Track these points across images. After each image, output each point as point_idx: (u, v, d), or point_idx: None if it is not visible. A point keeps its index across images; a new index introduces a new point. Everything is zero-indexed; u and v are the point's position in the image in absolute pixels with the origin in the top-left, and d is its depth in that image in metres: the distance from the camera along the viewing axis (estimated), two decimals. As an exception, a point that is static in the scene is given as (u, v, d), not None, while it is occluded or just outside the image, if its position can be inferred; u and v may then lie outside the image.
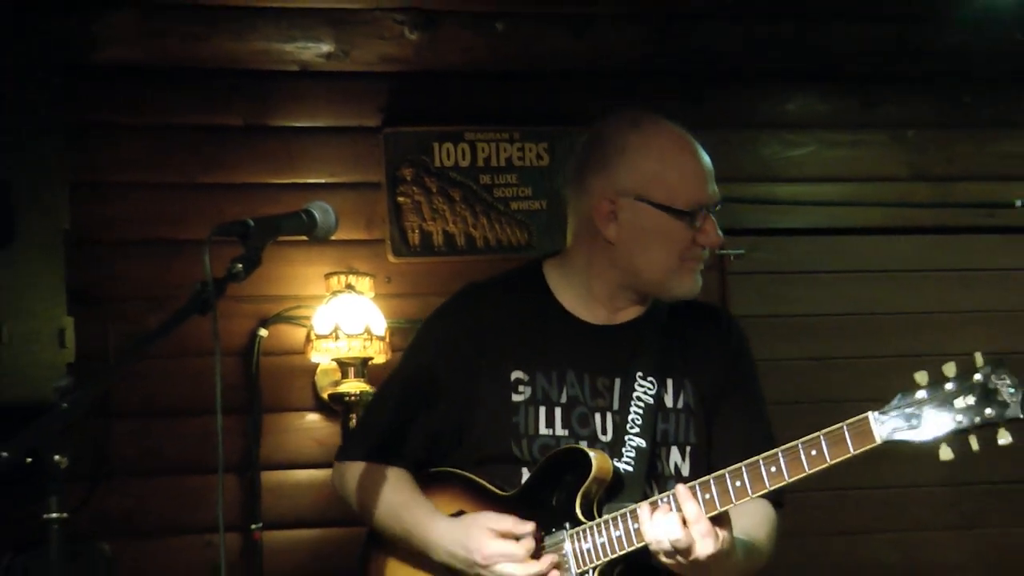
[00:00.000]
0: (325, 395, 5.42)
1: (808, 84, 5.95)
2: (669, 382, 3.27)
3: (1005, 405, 2.78)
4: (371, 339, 5.29)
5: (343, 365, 5.32)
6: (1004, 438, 2.76)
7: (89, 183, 5.13)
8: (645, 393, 3.21)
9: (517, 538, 3.04)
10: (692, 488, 2.86)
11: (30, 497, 2.80)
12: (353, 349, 5.27)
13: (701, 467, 3.19)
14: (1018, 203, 6.01)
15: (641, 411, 3.19)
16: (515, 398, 3.20)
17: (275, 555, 5.34)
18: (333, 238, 3.43)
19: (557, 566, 3.08)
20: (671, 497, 2.88)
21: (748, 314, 5.46)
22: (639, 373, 3.22)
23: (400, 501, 3.22)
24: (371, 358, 5.31)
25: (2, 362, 4.47)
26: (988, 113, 6.11)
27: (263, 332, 5.42)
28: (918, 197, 6.00)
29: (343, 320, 5.27)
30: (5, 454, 2.75)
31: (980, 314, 5.98)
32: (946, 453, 2.79)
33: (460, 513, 3.18)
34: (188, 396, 5.08)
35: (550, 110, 5.72)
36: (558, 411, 3.19)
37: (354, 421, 5.28)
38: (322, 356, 5.34)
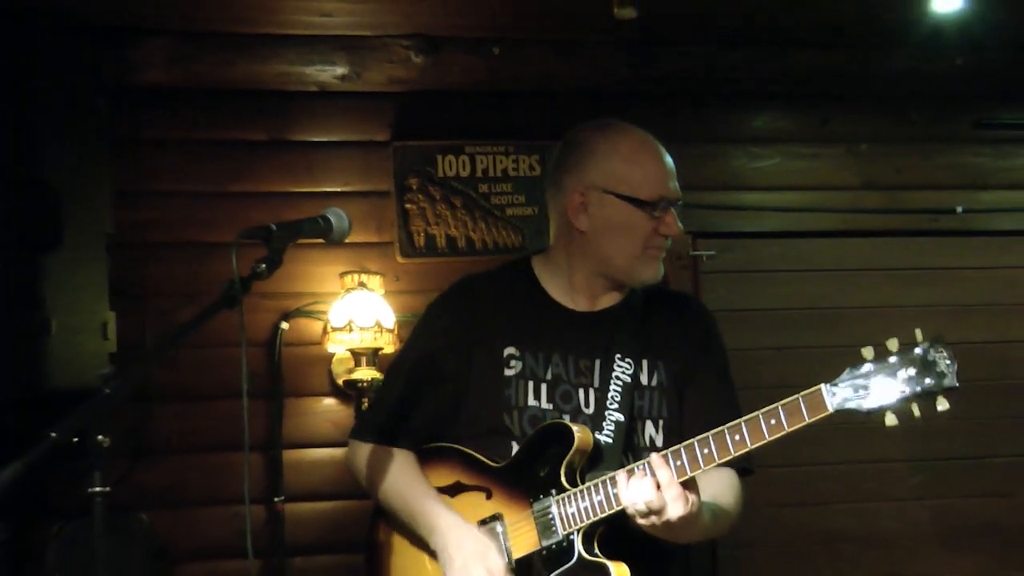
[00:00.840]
0: (340, 381, 5.43)
1: (772, 103, 5.96)
2: (644, 362, 3.29)
3: (943, 375, 2.86)
4: (381, 331, 5.29)
5: (356, 354, 5.32)
6: (942, 405, 2.84)
7: (130, 192, 5.14)
8: (623, 373, 3.23)
9: None
10: (664, 456, 2.90)
11: (77, 473, 2.85)
12: (365, 340, 5.27)
13: (673, 439, 3.19)
14: (959, 209, 6.04)
15: (620, 389, 3.22)
16: (507, 372, 3.23)
17: (295, 525, 5.34)
18: (347, 241, 3.47)
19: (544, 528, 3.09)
20: (646, 464, 2.91)
21: (718, 308, 5.40)
22: (617, 355, 3.24)
23: (407, 487, 3.22)
24: (381, 348, 5.31)
25: (52, 352, 4.44)
26: (931, 129, 6.12)
27: (284, 325, 5.41)
28: (869, 204, 6.03)
29: (356, 314, 5.28)
30: (54, 434, 2.79)
31: (924, 308, 5.98)
32: (891, 419, 2.86)
33: (456, 484, 3.22)
34: (217, 382, 5.08)
35: (541, 126, 5.70)
36: (544, 387, 3.22)
37: (366, 404, 5.28)
38: (337, 346, 5.34)
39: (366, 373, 5.31)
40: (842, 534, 5.82)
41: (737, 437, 2.91)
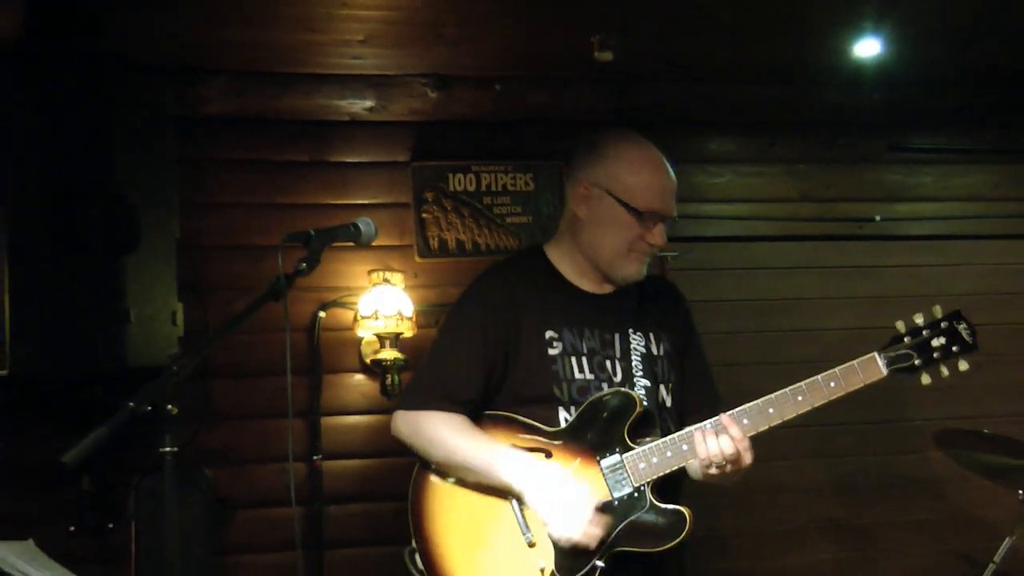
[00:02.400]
0: (368, 360, 5.42)
1: (725, 130, 5.96)
2: (651, 335, 3.29)
3: (965, 342, 3.07)
4: (402, 319, 5.29)
5: (381, 338, 5.32)
6: (964, 366, 3.07)
7: (193, 204, 5.13)
8: (638, 345, 3.24)
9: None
10: (732, 415, 3.02)
11: (151, 436, 2.86)
12: (389, 326, 5.27)
13: (677, 399, 3.29)
14: (877, 218, 6.10)
15: (640, 358, 3.21)
16: (551, 351, 3.17)
17: (331, 478, 5.36)
18: (374, 244, 3.56)
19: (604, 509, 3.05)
20: (716, 423, 3.02)
21: (681, 300, 5.62)
22: (629, 329, 3.24)
23: (480, 445, 3.10)
24: (402, 333, 5.31)
25: (131, 336, 4.42)
26: (855, 152, 6.15)
27: (322, 314, 5.42)
28: (805, 214, 6.04)
29: (381, 305, 5.28)
30: (132, 404, 2.81)
31: (850, 299, 6.03)
32: (926, 379, 3.09)
33: (511, 447, 3.12)
34: (267, 361, 5.07)
35: (534, 149, 5.74)
36: (584, 359, 3.17)
37: (390, 380, 5.33)
38: (365, 331, 5.35)
39: (389, 354, 5.32)
40: (783, 486, 5.80)
41: (800, 398, 3.06)
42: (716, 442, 3.00)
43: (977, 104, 6.06)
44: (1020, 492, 4.32)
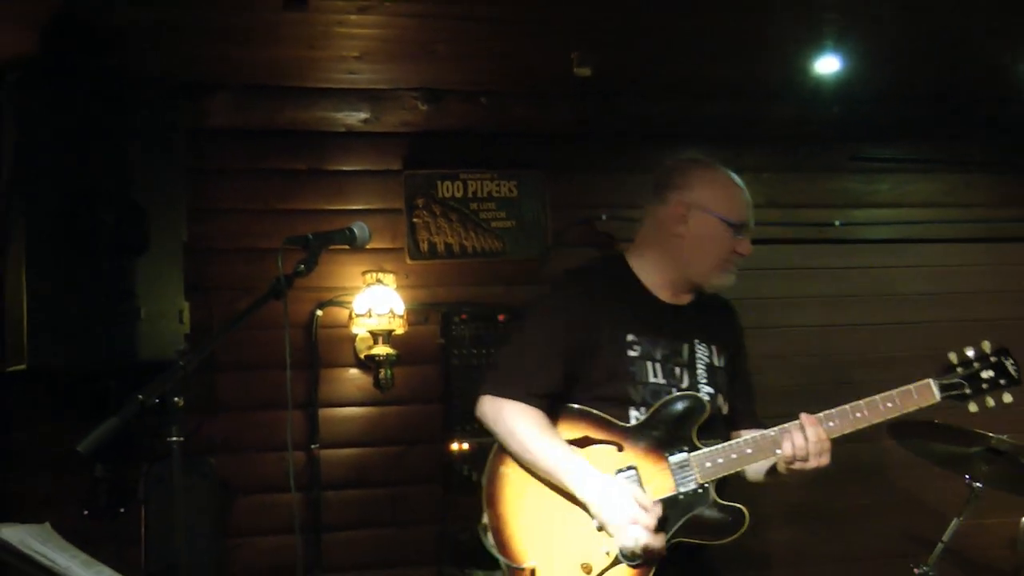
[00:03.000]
0: (362, 356, 5.43)
1: (696, 141, 5.71)
2: (713, 348, 3.35)
3: (1011, 376, 3.18)
4: (394, 317, 5.30)
5: (374, 335, 5.33)
6: (1008, 398, 3.18)
7: (201, 209, 5.14)
8: (703, 355, 3.30)
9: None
10: (816, 418, 3.11)
11: (159, 426, 2.90)
12: (381, 324, 5.29)
13: (730, 408, 3.38)
14: (838, 223, 6.11)
15: (704, 368, 3.27)
16: (630, 353, 3.20)
17: (328, 466, 5.37)
18: (368, 247, 3.57)
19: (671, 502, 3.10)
20: (798, 424, 3.10)
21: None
22: (696, 340, 3.30)
23: (550, 446, 3.11)
24: (394, 330, 5.32)
25: (141, 333, 4.47)
26: (817, 161, 6.16)
27: (319, 312, 5.42)
28: (772, 219, 5.94)
29: (375, 304, 5.29)
30: (141, 396, 2.85)
31: (813, 298, 6.05)
32: (973, 407, 3.19)
33: (586, 438, 3.16)
34: (268, 356, 5.02)
35: (519, 159, 5.75)
36: (658, 366, 3.21)
37: (383, 374, 5.34)
38: (360, 328, 5.36)
39: (382, 349, 5.33)
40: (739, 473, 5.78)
41: (859, 414, 3.18)
42: (803, 440, 3.08)
43: (930, 118, 6.08)
44: (967, 477, 4.34)
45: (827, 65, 5.22)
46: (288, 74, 5.18)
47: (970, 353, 3.21)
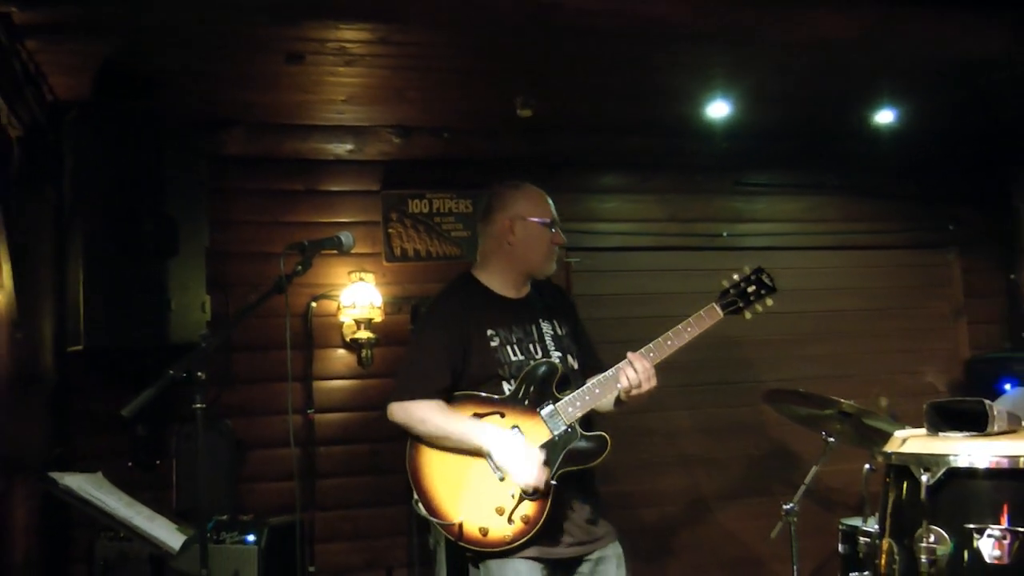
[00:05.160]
0: (348, 339, 5.44)
1: (614, 168, 5.99)
2: (554, 322, 3.42)
3: (768, 286, 3.33)
4: (373, 308, 5.35)
5: (358, 322, 5.36)
6: (770, 302, 3.35)
7: (220, 221, 5.14)
8: (548, 330, 3.38)
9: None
10: (639, 353, 3.21)
11: (187, 395, 2.96)
12: (363, 313, 5.34)
13: (580, 363, 3.44)
14: (725, 234, 6.17)
15: (551, 339, 3.36)
16: (493, 343, 3.27)
17: (321, 427, 5.40)
18: (352, 252, 3.60)
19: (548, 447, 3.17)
20: (627, 361, 3.20)
21: (583, 293, 5.65)
22: (540, 320, 3.38)
23: (455, 420, 3.17)
24: (373, 318, 5.36)
25: (171, 320, 4.48)
26: (708, 185, 6.19)
27: (314, 304, 5.43)
28: (672, 230, 6.08)
29: (358, 297, 5.34)
30: (172, 371, 2.91)
31: (704, 294, 5.76)
32: (748, 315, 3.33)
33: (475, 414, 3.20)
34: (273, 339, 5.06)
35: (473, 182, 5.72)
36: (516, 347, 3.29)
37: (365, 353, 5.40)
38: (346, 317, 5.39)
39: (364, 334, 5.37)
40: (655, 430, 5.84)
41: (669, 342, 3.27)
42: (634, 372, 3.18)
43: (795, 152, 6.11)
44: (823, 433, 4.42)
45: (717, 110, 5.28)
46: (289, 113, 5.18)
47: (736, 277, 3.39)
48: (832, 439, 4.44)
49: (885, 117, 5.55)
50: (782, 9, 4.15)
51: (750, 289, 3.37)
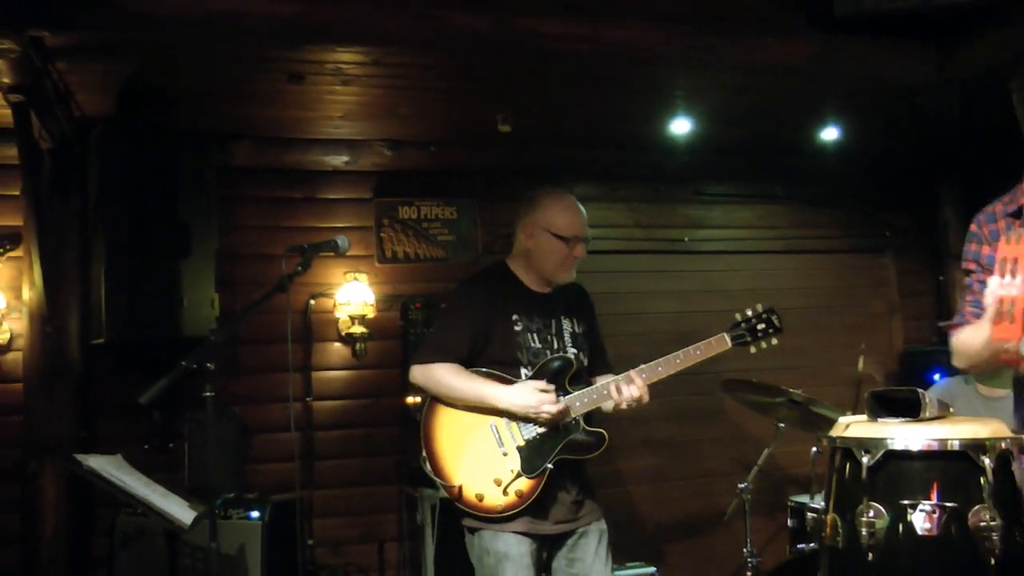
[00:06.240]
0: (343, 333, 5.44)
1: (586, 179, 5.93)
2: (573, 320, 3.41)
3: (776, 327, 3.28)
4: (367, 305, 5.36)
5: (352, 318, 5.37)
6: (774, 341, 3.30)
7: (228, 225, 5.12)
8: (567, 326, 3.38)
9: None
10: (639, 370, 3.21)
11: (198, 384, 2.99)
12: (357, 310, 5.34)
13: (589, 362, 3.43)
14: (686, 239, 6.18)
15: (568, 335, 3.35)
16: (516, 328, 3.27)
17: (319, 413, 5.39)
18: (347, 254, 3.61)
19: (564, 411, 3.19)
20: (626, 376, 3.21)
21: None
22: (561, 316, 3.37)
23: (474, 381, 3.19)
24: (366, 315, 5.36)
25: (184, 316, 4.49)
26: (671, 195, 6.20)
27: (312, 302, 5.42)
28: (638, 236, 6.09)
29: (352, 295, 5.34)
30: (184, 363, 2.94)
31: (666, 292, 6.09)
32: (753, 350, 3.29)
33: None
34: (276, 333, 5.03)
35: (457, 191, 5.77)
36: (536, 335, 3.29)
37: (358, 347, 5.40)
38: (342, 313, 5.38)
39: (358, 329, 5.36)
40: (624, 415, 5.79)
41: (678, 360, 3.26)
42: (628, 389, 3.20)
43: (749, 166, 6.14)
44: (775, 420, 4.45)
45: (679, 127, 5.29)
46: (291, 128, 5.17)
47: (749, 312, 3.37)
48: (783, 424, 4.45)
49: (830, 134, 5.59)
50: (738, 37, 4.20)
51: (760, 326, 3.35)
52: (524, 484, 3.16)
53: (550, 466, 3.17)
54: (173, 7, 3.55)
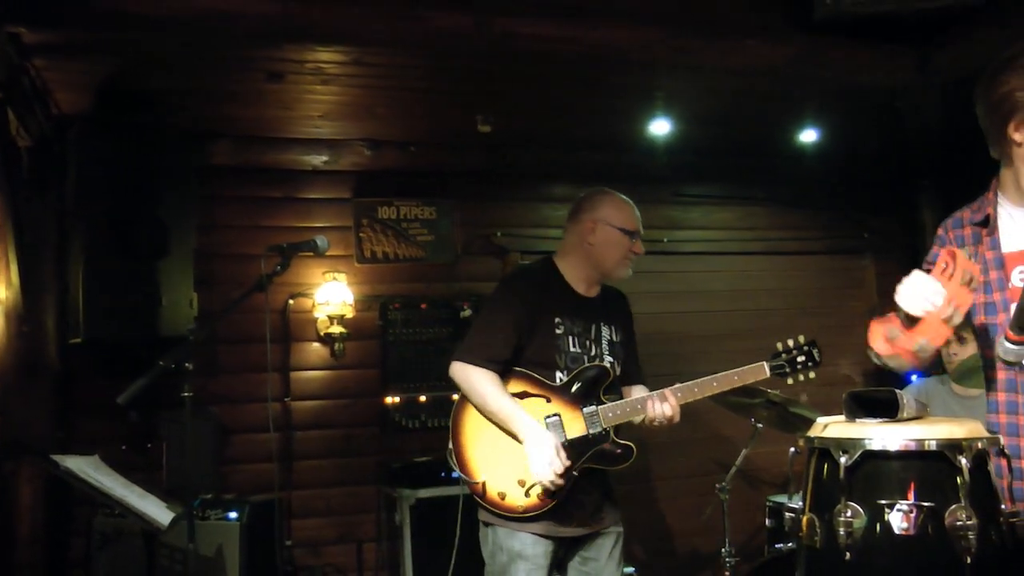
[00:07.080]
0: (322, 333, 5.43)
1: (567, 180, 5.93)
2: (612, 327, 3.41)
3: (816, 361, 3.24)
4: (345, 305, 5.35)
5: (331, 318, 5.36)
6: (812, 375, 3.25)
7: (206, 225, 5.11)
8: (606, 333, 3.38)
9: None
10: (673, 389, 3.20)
11: (176, 384, 2.98)
12: (336, 310, 5.33)
13: (622, 372, 3.42)
14: (665, 240, 6.14)
15: (607, 343, 3.35)
16: (557, 331, 3.25)
17: (297, 412, 5.38)
18: (327, 254, 3.59)
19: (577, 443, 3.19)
20: (660, 394, 3.20)
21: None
22: (601, 323, 3.37)
23: (506, 401, 3.15)
24: (345, 315, 5.35)
25: (162, 315, 4.48)
26: (651, 196, 5.93)
27: (291, 301, 5.41)
28: None
29: (331, 295, 5.33)
30: (162, 362, 2.93)
31: (647, 293, 5.79)
32: (790, 381, 3.25)
33: (524, 392, 3.21)
34: (254, 332, 5.06)
35: (436, 191, 5.76)
36: (576, 339, 3.28)
37: (337, 347, 5.37)
38: (320, 313, 5.38)
39: (336, 329, 5.36)
40: None
41: (715, 384, 3.24)
42: (661, 407, 3.21)
43: (728, 167, 6.17)
44: (752, 420, 4.47)
45: (659, 128, 5.33)
46: (270, 128, 5.17)
47: (791, 343, 3.32)
48: (760, 425, 4.47)
49: (809, 136, 5.65)
50: (717, 39, 4.23)
51: (800, 358, 3.31)
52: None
53: (575, 473, 3.18)
54: (152, 5, 3.54)
